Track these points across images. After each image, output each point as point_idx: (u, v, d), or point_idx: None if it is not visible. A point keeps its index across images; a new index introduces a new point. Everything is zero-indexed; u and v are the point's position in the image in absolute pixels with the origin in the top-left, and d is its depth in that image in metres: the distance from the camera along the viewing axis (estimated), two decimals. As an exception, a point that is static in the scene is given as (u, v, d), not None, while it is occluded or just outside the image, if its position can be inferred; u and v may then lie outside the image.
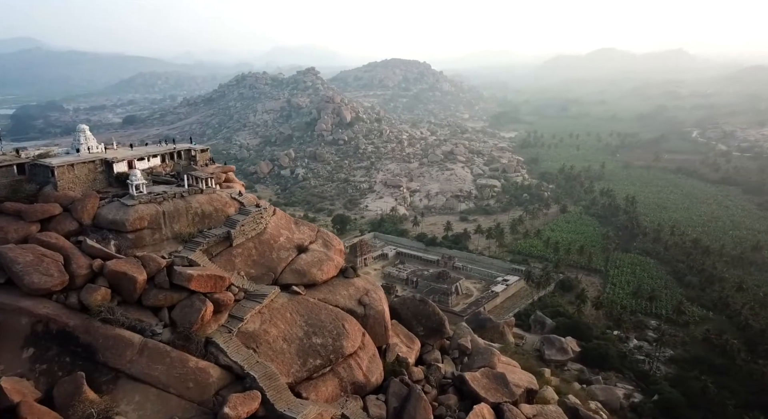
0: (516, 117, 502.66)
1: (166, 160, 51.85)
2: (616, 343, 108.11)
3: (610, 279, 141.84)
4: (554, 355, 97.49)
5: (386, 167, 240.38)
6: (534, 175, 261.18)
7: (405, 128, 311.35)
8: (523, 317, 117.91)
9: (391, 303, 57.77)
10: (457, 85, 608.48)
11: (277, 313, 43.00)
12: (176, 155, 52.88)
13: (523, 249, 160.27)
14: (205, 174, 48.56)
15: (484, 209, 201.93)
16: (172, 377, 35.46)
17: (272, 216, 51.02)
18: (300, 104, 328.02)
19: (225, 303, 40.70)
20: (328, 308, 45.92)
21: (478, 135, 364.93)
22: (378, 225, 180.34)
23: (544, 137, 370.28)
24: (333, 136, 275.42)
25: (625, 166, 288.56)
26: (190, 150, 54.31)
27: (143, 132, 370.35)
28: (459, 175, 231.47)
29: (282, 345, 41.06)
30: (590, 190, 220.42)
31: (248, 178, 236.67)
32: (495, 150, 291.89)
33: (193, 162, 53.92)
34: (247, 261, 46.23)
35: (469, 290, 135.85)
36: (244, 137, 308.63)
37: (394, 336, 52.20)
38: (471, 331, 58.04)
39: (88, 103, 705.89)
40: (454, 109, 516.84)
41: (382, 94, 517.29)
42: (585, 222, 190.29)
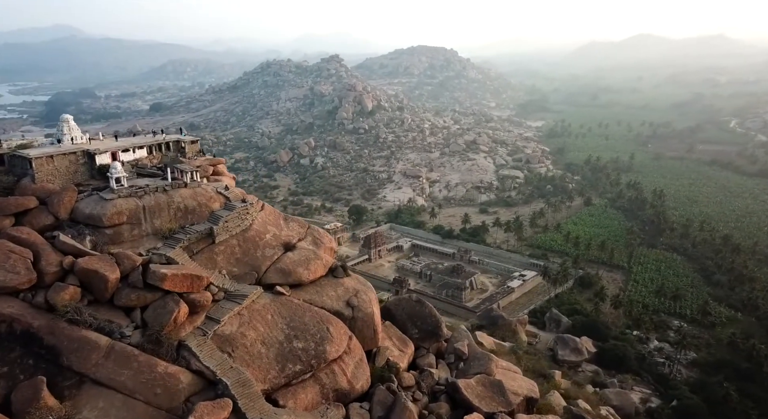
0: (544, 105, 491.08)
1: (153, 151, 50.21)
2: (635, 344, 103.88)
3: (633, 276, 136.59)
4: (568, 356, 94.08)
5: (406, 157, 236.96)
6: (559, 165, 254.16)
7: (428, 117, 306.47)
8: (539, 314, 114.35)
9: (386, 304, 55.50)
10: (484, 73, 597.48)
11: (257, 315, 41.09)
12: (164, 146, 51.17)
13: (543, 243, 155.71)
14: (190, 167, 46.75)
15: (505, 201, 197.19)
16: (139, 382, 33.89)
17: (260, 211, 49.01)
18: (323, 92, 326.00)
19: (202, 304, 38.93)
20: (313, 310, 43.82)
21: (504, 124, 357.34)
22: (395, 216, 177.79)
23: (572, 127, 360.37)
24: (354, 125, 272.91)
25: (655, 158, 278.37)
26: (179, 141, 52.56)
27: (169, 119, 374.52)
28: (481, 165, 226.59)
29: (260, 349, 39.16)
30: (616, 182, 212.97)
31: (268, 166, 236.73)
32: (520, 139, 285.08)
33: (182, 154, 52.20)
34: (229, 259, 44.40)
35: (484, 285, 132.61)
36: (267, 125, 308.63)
37: (386, 339, 49.95)
38: (469, 335, 55.35)
39: (120, 90, 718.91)
40: (481, 97, 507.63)
41: (407, 81, 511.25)
42: (610, 215, 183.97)
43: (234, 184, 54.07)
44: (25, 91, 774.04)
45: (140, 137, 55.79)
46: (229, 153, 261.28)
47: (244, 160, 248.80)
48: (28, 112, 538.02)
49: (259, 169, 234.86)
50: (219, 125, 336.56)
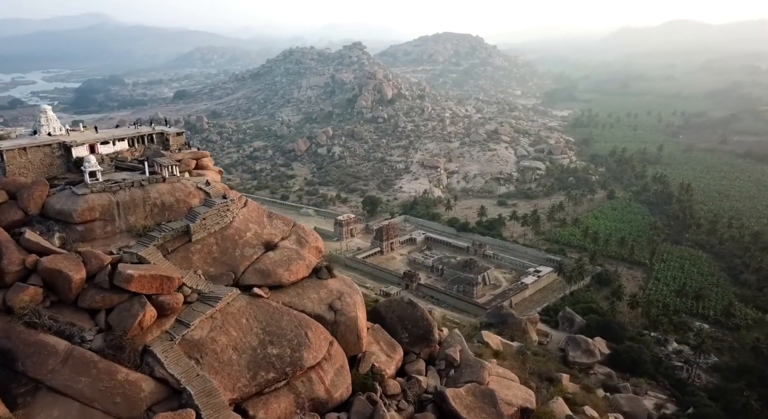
0: (571, 94, 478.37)
1: (135, 144, 48.48)
2: (652, 346, 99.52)
3: (654, 273, 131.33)
4: (579, 357, 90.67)
5: (425, 146, 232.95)
6: (584, 157, 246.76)
7: (450, 105, 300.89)
8: (552, 313, 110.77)
9: (376, 306, 53.11)
10: (510, 60, 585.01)
11: (231, 319, 39.15)
12: (147, 139, 49.40)
13: (561, 238, 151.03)
14: (168, 160, 44.83)
15: (524, 193, 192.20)
16: (98, 390, 32.29)
17: (242, 208, 46.90)
18: (344, 80, 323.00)
19: (172, 307, 37.13)
20: (291, 314, 41.68)
21: (528, 113, 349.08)
22: (410, 207, 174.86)
23: (599, 116, 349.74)
24: (372, 114, 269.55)
25: (686, 149, 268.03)
26: (163, 133, 50.72)
27: (192, 106, 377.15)
28: (501, 156, 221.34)
29: (231, 355, 37.24)
30: (642, 174, 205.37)
31: (286, 155, 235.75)
32: (543, 129, 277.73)
33: (166, 147, 50.40)
34: (206, 258, 42.51)
35: (497, 280, 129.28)
36: (287, 113, 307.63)
37: (373, 344, 47.62)
38: (462, 340, 52.59)
39: (148, 77, 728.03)
40: (506, 85, 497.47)
41: (431, 69, 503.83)
42: (633, 209, 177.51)
43: (220, 179, 52.13)
44: (58, 78, 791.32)
45: (122, 129, 54.17)
46: (249, 141, 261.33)
47: (262, 148, 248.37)
48: (59, 98, 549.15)
49: (277, 157, 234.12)
50: (240, 113, 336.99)
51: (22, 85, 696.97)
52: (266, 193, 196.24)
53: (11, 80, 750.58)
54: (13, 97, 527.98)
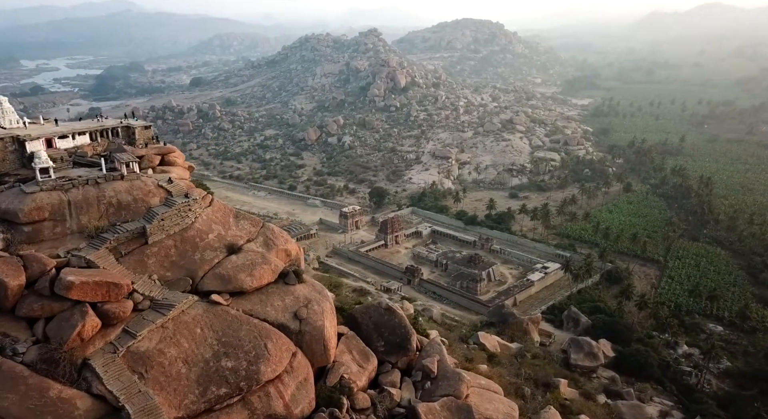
0: (593, 82, 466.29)
1: (97, 138, 46.09)
2: (661, 349, 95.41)
3: (668, 271, 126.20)
4: (581, 360, 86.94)
5: (437, 136, 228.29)
6: (602, 147, 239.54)
7: (465, 94, 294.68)
8: (557, 311, 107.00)
9: (352, 312, 50.25)
10: (531, 47, 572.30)
11: (184, 328, 36.68)
12: (110, 133, 47.00)
13: (572, 232, 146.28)
14: (128, 156, 42.35)
15: (537, 185, 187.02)
16: (26, 409, 30.06)
17: (207, 207, 44.30)
18: (358, 67, 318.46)
19: (118, 316, 34.71)
20: (251, 323, 39.07)
21: (547, 102, 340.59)
22: (418, 199, 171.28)
23: (621, 105, 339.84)
24: (385, 102, 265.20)
25: (710, 140, 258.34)
26: (128, 127, 48.25)
27: (207, 94, 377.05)
28: (516, 146, 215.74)
29: (180, 368, 34.81)
30: (660, 167, 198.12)
31: (296, 144, 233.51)
32: (560, 119, 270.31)
33: (132, 141, 47.98)
34: (163, 262, 40.04)
35: (503, 276, 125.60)
36: (301, 102, 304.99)
37: (345, 353, 44.89)
38: (443, 349, 49.48)
39: (168, 64, 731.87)
40: (526, 73, 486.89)
41: (449, 56, 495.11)
42: (650, 203, 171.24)
43: (189, 176, 49.56)
44: (81, 65, 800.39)
45: (84, 122, 51.76)
46: (261, 130, 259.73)
47: (273, 137, 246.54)
48: (81, 85, 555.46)
49: (287, 147, 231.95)
50: (255, 101, 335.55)
51: (46, 72, 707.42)
52: (274, 182, 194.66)
53: (36, 67, 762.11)
54: (36, 84, 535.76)
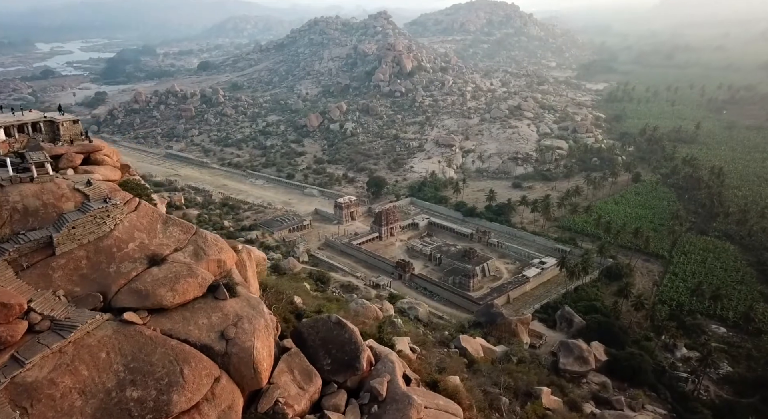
0: (610, 66, 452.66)
1: (14, 133, 42.43)
2: (658, 352, 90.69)
3: (672, 267, 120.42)
4: (570, 365, 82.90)
5: (442, 123, 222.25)
6: (613, 135, 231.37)
7: (474, 78, 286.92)
8: (551, 310, 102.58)
9: (298, 326, 46.39)
10: (547, 29, 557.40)
11: (86, 353, 33.16)
12: (31, 128, 43.30)
13: (574, 225, 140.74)
14: (39, 155, 38.60)
15: (543, 174, 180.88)
16: None
17: (131, 213, 40.48)
18: (366, 51, 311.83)
19: (5, 341, 31.21)
20: (168, 345, 35.41)
21: (560, 87, 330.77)
22: (417, 189, 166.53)
23: (636, 90, 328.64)
24: (390, 87, 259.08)
25: (728, 126, 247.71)
26: (52, 121, 44.46)
27: (215, 78, 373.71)
28: (522, 133, 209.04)
29: (74, 401, 31.32)
30: (671, 156, 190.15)
31: (298, 131, 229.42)
32: (571, 105, 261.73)
33: (56, 137, 44.24)
34: (71, 276, 36.37)
35: (499, 272, 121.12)
36: (307, 86, 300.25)
37: (285, 373, 41.16)
38: (395, 369, 45.46)
39: (180, 47, 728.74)
40: (541, 57, 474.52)
41: (462, 39, 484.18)
42: (659, 195, 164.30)
43: (119, 177, 45.73)
44: (95, 48, 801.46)
45: (2, 116, 47.92)
46: (264, 115, 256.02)
47: (275, 123, 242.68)
48: (92, 68, 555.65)
49: (289, 133, 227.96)
50: (261, 85, 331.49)
51: (60, 55, 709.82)
52: (273, 170, 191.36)
53: (50, 50, 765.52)
54: (47, 67, 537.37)
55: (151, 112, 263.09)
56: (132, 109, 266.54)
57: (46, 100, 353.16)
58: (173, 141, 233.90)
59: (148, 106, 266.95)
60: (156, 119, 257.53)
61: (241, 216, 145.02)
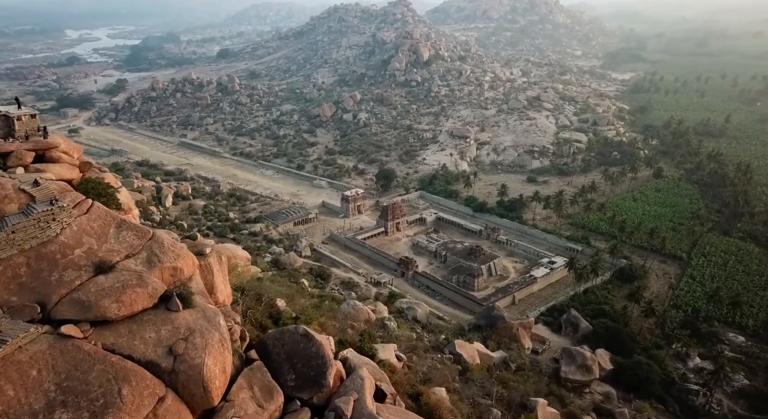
0: (638, 54, 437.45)
1: (-33, 131, 40.17)
2: (669, 361, 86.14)
3: (690, 270, 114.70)
4: (572, 374, 78.96)
5: (458, 114, 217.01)
6: (636, 127, 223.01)
7: (494, 68, 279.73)
8: (557, 313, 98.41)
9: (263, 338, 43.74)
10: (574, 17, 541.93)
11: (14, 371, 30.91)
12: (-17, 124, 40.97)
13: (589, 223, 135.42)
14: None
15: (559, 169, 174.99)
16: None
17: (82, 215, 38.04)
18: (384, 40, 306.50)
19: (-71, 358, 29.27)
20: (108, 361, 32.99)
21: (583, 76, 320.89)
22: (428, 183, 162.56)
23: (664, 80, 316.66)
24: (406, 77, 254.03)
25: (760, 119, 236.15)
26: (7, 116, 42.08)
27: (233, 66, 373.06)
28: (540, 125, 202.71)
29: (-5, 424, 29.33)
30: (696, 150, 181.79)
31: (311, 121, 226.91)
32: (593, 96, 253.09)
33: (11, 132, 41.91)
34: (8, 284, 34.02)
35: (506, 271, 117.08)
36: (323, 75, 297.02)
37: (244, 389, 38.50)
38: (363, 385, 42.47)
39: (203, 34, 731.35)
40: (566, 45, 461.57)
41: (484, 26, 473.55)
42: (681, 192, 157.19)
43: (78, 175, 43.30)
44: (121, 35, 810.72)
45: None
46: (278, 104, 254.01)
47: (289, 112, 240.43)
48: (116, 55, 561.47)
49: (302, 123, 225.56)
50: (279, 73, 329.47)
51: (88, 42, 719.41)
52: (284, 161, 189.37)
53: (78, 36, 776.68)
54: (74, 54, 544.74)
55: (168, 100, 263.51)
56: (149, 97, 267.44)
57: (69, 87, 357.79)
58: (188, 129, 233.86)
59: (165, 94, 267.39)
60: (172, 107, 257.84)
61: (248, 208, 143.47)
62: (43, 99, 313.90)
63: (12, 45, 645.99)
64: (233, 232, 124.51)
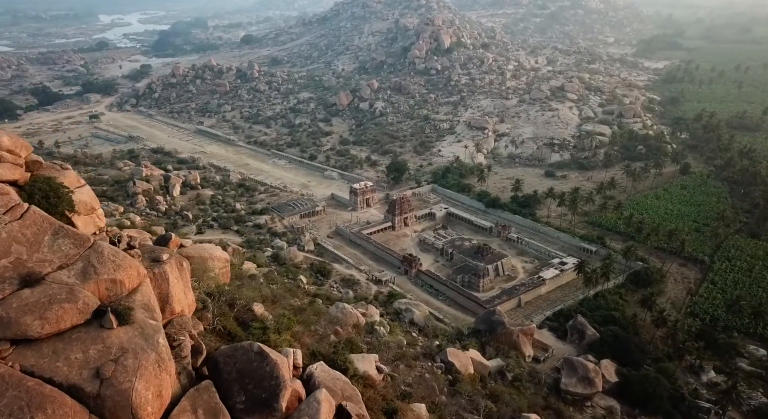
0: (675, 41, 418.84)
1: None
2: (679, 375, 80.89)
3: (712, 275, 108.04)
4: (573, 386, 74.70)
5: (478, 103, 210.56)
6: (666, 120, 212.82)
7: (519, 56, 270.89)
8: (562, 318, 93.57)
9: (214, 355, 40.97)
10: (607, 2, 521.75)
11: None
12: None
13: (606, 221, 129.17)
14: None
15: (579, 163, 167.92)
16: None
17: (14, 221, 35.54)
18: (407, 26, 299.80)
19: None
20: (24, 386, 30.56)
21: (614, 65, 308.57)
22: (441, 176, 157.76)
23: (700, 69, 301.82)
24: (425, 65, 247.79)
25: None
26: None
27: (256, 52, 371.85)
28: (563, 117, 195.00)
29: None
30: (727, 146, 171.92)
31: (327, 109, 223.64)
32: (621, 86, 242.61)
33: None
34: (-74, 301, 32.11)
35: (514, 271, 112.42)
36: (344, 62, 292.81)
37: (186, 413, 35.69)
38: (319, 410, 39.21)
39: (232, 19, 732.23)
40: (598, 32, 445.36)
41: (513, 12, 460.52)
42: (709, 190, 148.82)
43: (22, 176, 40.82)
44: (152, 20, 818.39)
45: None
46: (297, 92, 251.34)
47: (306, 101, 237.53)
48: (146, 41, 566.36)
49: (318, 111, 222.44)
50: (300, 60, 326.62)
51: (119, 27, 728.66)
52: (297, 150, 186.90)
53: (111, 21, 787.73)
54: (104, 39, 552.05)
55: (188, 87, 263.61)
56: (169, 83, 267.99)
57: (96, 72, 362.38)
58: (206, 116, 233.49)
59: (185, 80, 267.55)
60: (192, 94, 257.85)
61: (255, 199, 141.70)
62: (70, 84, 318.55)
63: (47, 29, 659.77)
64: (237, 224, 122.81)
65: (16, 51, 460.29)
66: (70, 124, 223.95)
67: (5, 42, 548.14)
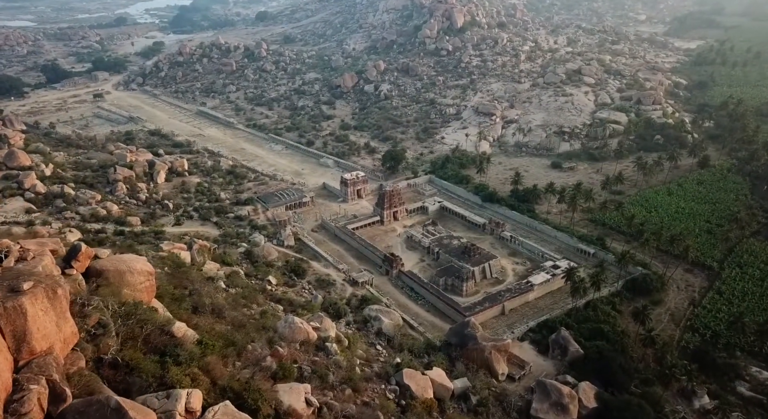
0: (712, 19, 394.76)
1: None
2: (668, 400, 73.81)
3: (719, 284, 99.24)
4: (545, 412, 68.62)
5: (488, 87, 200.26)
6: (691, 106, 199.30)
7: (537, 35, 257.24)
8: (546, 331, 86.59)
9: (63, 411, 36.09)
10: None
11: None
12: None
13: (609, 220, 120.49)
14: None
15: (590, 154, 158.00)
16: None
17: None
18: (423, 2, 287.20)
19: None
20: None
21: (641, 45, 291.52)
22: (440, 165, 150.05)
23: (735, 50, 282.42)
24: (436, 45, 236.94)
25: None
26: None
27: (271, 29, 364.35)
28: (577, 103, 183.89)
29: None
30: (751, 138, 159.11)
31: (332, 91, 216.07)
32: (644, 69, 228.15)
33: None
34: None
35: (503, 273, 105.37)
36: (356, 41, 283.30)
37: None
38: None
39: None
40: (629, 8, 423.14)
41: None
42: (728, 186, 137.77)
43: None
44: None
45: None
46: (303, 73, 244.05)
47: (311, 82, 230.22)
48: (165, 16, 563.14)
49: (323, 93, 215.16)
50: (314, 38, 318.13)
51: (141, 2, 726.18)
52: (295, 135, 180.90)
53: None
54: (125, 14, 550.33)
55: (194, 66, 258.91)
56: (176, 62, 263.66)
57: (110, 49, 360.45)
58: (210, 97, 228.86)
59: (192, 59, 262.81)
60: (198, 73, 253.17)
61: (243, 188, 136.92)
62: (83, 60, 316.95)
63: (71, 4, 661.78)
64: (218, 215, 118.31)
65: (37, 26, 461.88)
66: (75, 103, 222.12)
67: (29, 17, 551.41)
